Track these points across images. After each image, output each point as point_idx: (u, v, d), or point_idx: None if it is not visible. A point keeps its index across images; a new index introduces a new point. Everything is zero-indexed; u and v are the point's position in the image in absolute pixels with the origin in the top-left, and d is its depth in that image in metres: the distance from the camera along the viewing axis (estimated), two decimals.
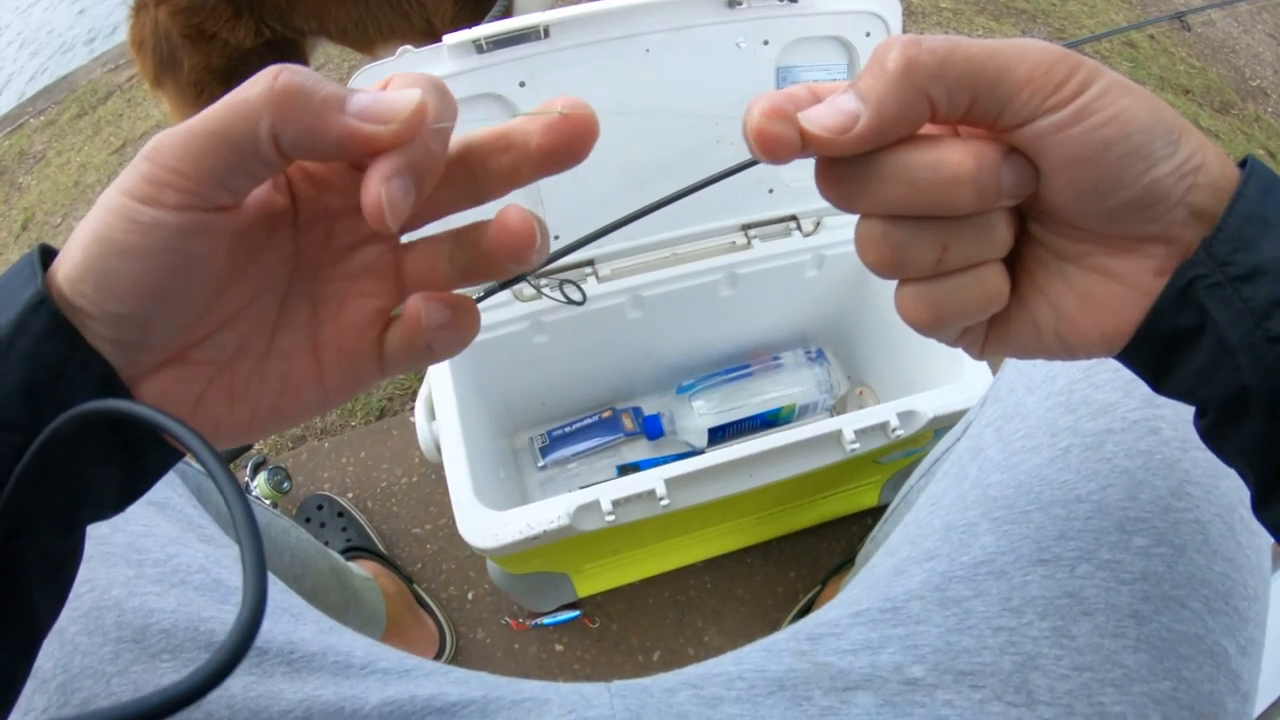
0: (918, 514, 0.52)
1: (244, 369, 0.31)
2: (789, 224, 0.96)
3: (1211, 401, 0.30)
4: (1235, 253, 0.27)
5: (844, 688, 0.43)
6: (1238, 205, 0.28)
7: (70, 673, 0.42)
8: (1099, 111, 0.26)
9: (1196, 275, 0.28)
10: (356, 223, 0.31)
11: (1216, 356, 0.28)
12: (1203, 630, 0.41)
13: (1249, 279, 0.27)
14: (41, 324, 0.26)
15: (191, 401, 0.30)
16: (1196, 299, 0.28)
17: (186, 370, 0.29)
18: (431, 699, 0.45)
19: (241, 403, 0.31)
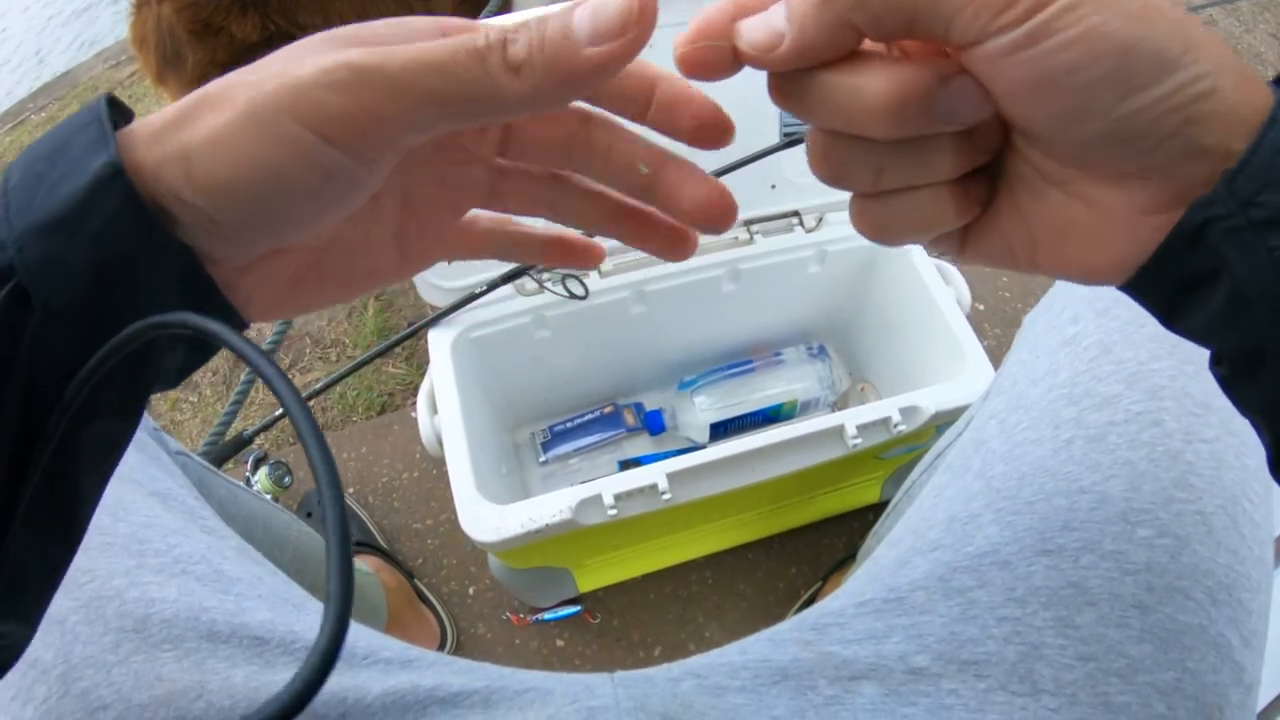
0: (921, 506, 0.52)
1: (334, 255, 0.30)
2: (791, 219, 0.96)
3: (1225, 354, 0.27)
4: (1261, 192, 0.23)
5: (849, 677, 0.43)
6: (1269, 135, 0.23)
7: (71, 662, 0.42)
8: (1061, 31, 0.22)
9: (1214, 215, 0.24)
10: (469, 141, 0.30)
11: (1232, 308, 0.25)
12: (1206, 621, 0.41)
13: (1276, 224, 0.23)
14: (115, 202, 0.23)
15: (286, 285, 0.29)
16: (1212, 243, 0.25)
17: (283, 259, 0.28)
18: (434, 689, 0.45)
19: (329, 283, 0.30)
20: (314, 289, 0.30)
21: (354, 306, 1.32)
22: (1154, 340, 0.47)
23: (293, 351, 1.28)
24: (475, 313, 0.87)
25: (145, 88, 1.80)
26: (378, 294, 1.32)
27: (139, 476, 0.53)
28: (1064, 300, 0.53)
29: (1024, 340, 0.55)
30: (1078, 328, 0.50)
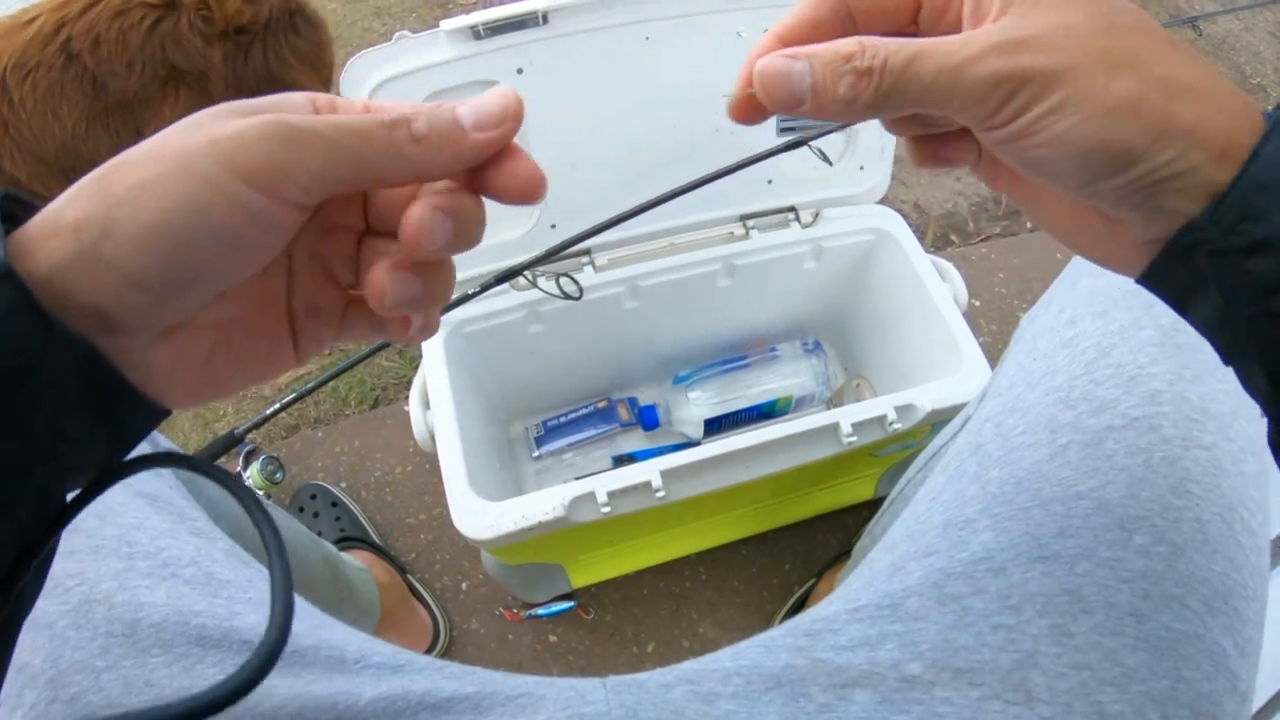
0: (916, 509, 0.52)
1: (238, 336, 0.31)
2: (787, 215, 0.95)
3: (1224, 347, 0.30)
4: (1241, 223, 0.26)
5: (841, 684, 0.43)
6: (1250, 170, 0.26)
7: (60, 667, 0.42)
8: (1036, 134, 0.27)
9: (1199, 240, 0.27)
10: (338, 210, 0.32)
11: (1222, 314, 0.29)
12: (1202, 629, 0.41)
13: (1254, 251, 0.26)
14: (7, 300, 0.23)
15: (199, 367, 0.29)
16: (1199, 262, 0.28)
17: (190, 338, 0.29)
18: (425, 694, 0.44)
19: (238, 365, 0.31)
20: (225, 370, 0.31)
21: None
22: (1152, 344, 0.46)
23: None
24: (468, 308, 0.86)
25: None
26: None
27: (146, 489, 0.52)
28: (1061, 302, 0.53)
29: (1021, 341, 0.55)
30: (1075, 330, 0.50)
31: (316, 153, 0.26)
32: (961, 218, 1.40)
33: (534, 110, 0.78)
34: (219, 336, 0.30)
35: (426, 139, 0.27)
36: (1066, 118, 0.27)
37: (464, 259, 0.85)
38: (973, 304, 1.26)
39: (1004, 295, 1.28)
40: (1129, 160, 0.27)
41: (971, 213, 1.40)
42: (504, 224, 0.87)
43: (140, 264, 0.24)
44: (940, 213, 1.40)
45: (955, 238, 1.38)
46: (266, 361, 0.32)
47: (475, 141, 0.28)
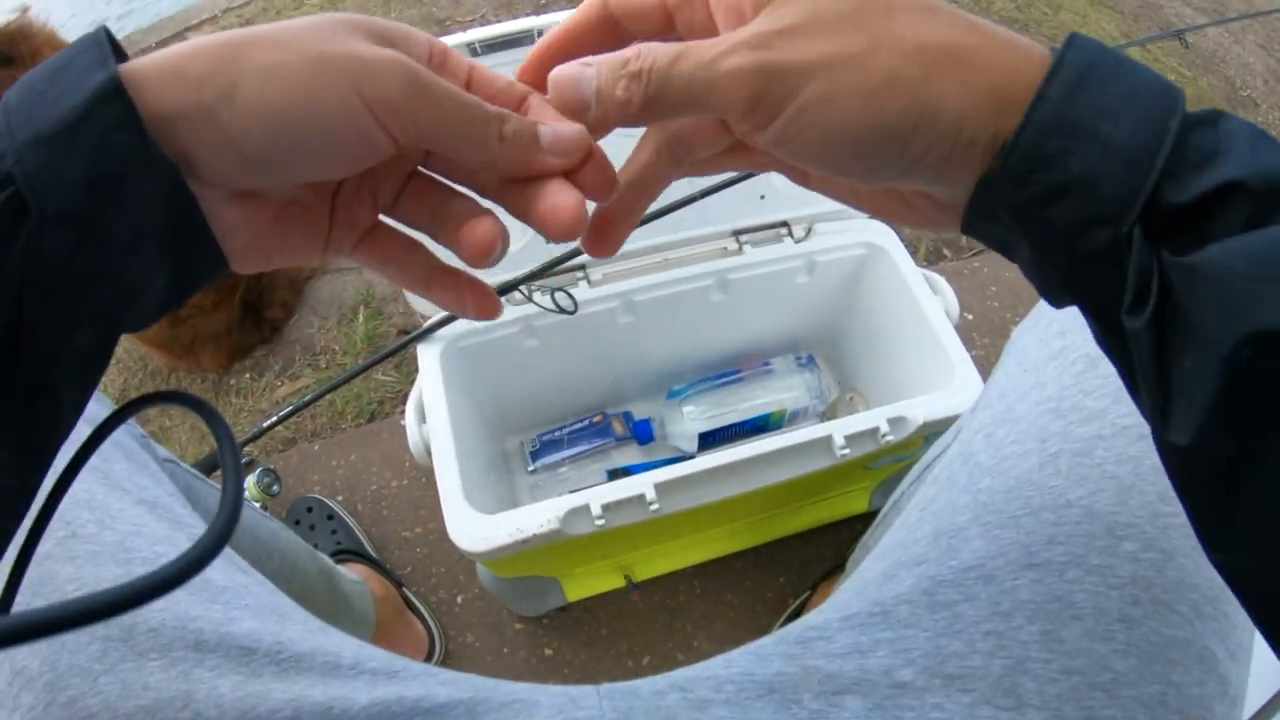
0: (908, 519, 0.52)
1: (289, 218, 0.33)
2: (780, 230, 0.96)
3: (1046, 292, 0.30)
4: (1032, 173, 0.26)
5: (833, 691, 0.43)
6: (1035, 116, 0.26)
7: (57, 670, 0.42)
8: (801, 131, 0.28)
9: (995, 199, 0.27)
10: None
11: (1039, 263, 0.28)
12: (1191, 634, 0.41)
13: (1053, 199, 0.26)
14: (113, 115, 0.25)
15: (260, 229, 0.31)
16: (1003, 219, 0.28)
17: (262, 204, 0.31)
18: (419, 700, 0.45)
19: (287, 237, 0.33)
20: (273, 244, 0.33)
21: (344, 314, 1.32)
22: None
23: (282, 358, 1.28)
24: (464, 322, 0.87)
25: None
26: (367, 301, 1.32)
27: (127, 485, 0.52)
28: (1052, 314, 0.54)
29: (1012, 353, 0.56)
30: (1065, 341, 0.51)
31: (429, 112, 0.28)
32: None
33: None
34: (278, 212, 0.32)
35: (510, 141, 0.30)
36: (827, 110, 0.27)
37: None
38: (965, 317, 1.27)
39: (996, 309, 1.29)
40: (900, 142, 0.27)
41: None
42: None
43: (251, 137, 0.27)
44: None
45: (948, 252, 1.39)
46: (302, 248, 0.34)
47: (543, 161, 0.31)
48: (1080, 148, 0.25)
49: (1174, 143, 0.25)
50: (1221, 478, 0.25)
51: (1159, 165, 0.25)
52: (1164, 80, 0.26)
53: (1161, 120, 0.25)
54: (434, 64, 0.32)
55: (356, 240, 0.35)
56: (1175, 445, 0.25)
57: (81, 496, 0.48)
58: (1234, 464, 0.24)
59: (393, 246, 0.36)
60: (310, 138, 0.27)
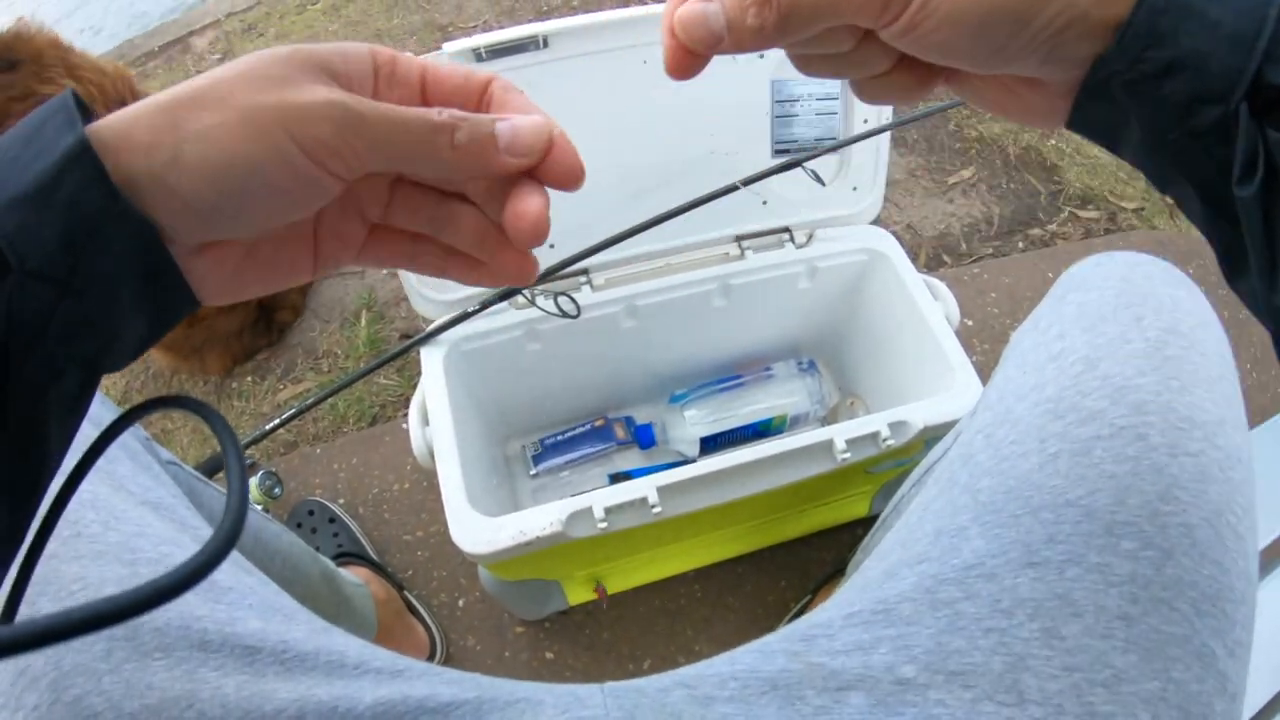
0: (908, 519, 0.52)
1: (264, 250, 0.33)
2: (782, 236, 0.96)
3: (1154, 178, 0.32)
4: (1148, 49, 0.27)
5: (837, 688, 0.44)
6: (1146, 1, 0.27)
7: (62, 669, 0.42)
8: (924, 21, 0.29)
9: (1111, 74, 0.29)
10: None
11: (1148, 145, 0.30)
12: (1190, 632, 0.41)
13: (1166, 74, 0.27)
14: (82, 175, 0.26)
15: (230, 272, 0.32)
16: (1115, 95, 0.29)
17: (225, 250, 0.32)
18: (425, 699, 0.45)
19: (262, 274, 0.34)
20: (250, 277, 0.34)
21: (346, 318, 1.32)
22: (1139, 356, 0.47)
23: (284, 361, 1.28)
24: (467, 325, 0.87)
25: None
26: (369, 305, 1.32)
27: (131, 486, 0.53)
28: (1050, 317, 0.54)
29: (1011, 356, 0.56)
30: (1064, 344, 0.51)
31: (367, 140, 0.29)
32: (954, 239, 1.42)
33: None
34: (248, 250, 0.33)
35: (464, 148, 0.30)
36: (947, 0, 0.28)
37: None
38: (965, 323, 1.27)
39: (996, 315, 1.30)
40: (1021, 19, 0.28)
41: (964, 233, 1.42)
42: None
43: (199, 196, 0.28)
44: (933, 234, 1.42)
45: (947, 258, 1.39)
46: (287, 273, 0.34)
47: (503, 163, 0.31)
48: (1190, 27, 0.27)
49: (1274, 28, 0.26)
50: None
51: (1262, 47, 0.26)
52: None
53: (1262, 6, 0.26)
54: (382, 76, 0.32)
55: (355, 253, 0.36)
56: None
57: (86, 497, 0.48)
58: None
59: (397, 244, 0.36)
60: (256, 190, 0.28)
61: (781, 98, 0.87)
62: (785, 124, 0.89)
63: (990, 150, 1.55)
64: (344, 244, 0.35)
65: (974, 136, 1.56)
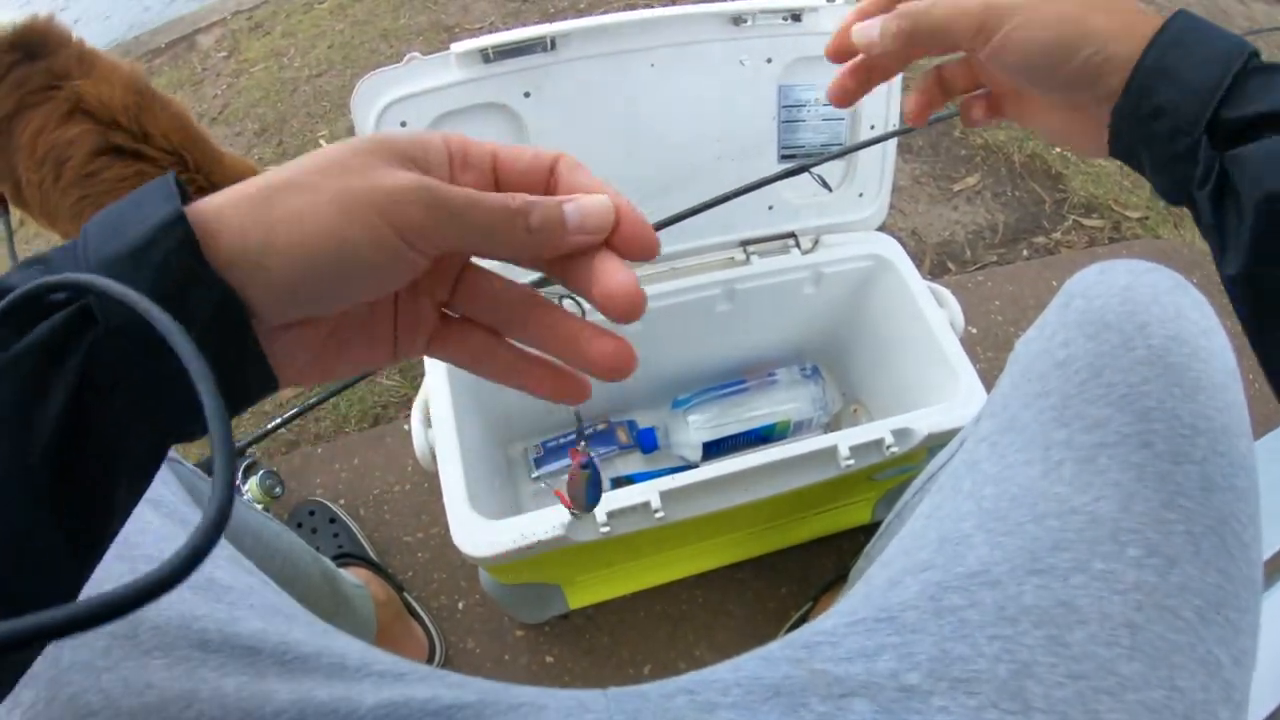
0: (913, 526, 0.52)
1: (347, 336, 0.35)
2: (787, 241, 0.96)
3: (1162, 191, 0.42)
4: (1141, 99, 0.39)
5: (840, 694, 0.43)
6: (1144, 61, 0.39)
7: (59, 667, 0.42)
8: (1007, 45, 0.42)
9: (1121, 115, 0.41)
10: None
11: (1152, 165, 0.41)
12: (1195, 640, 0.41)
13: (1154, 117, 0.39)
14: (174, 241, 0.28)
15: (311, 356, 0.34)
16: (1125, 130, 0.41)
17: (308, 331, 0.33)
18: (427, 702, 0.45)
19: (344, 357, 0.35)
20: (330, 359, 0.35)
21: None
22: (1143, 364, 0.47)
23: None
24: None
25: None
26: None
27: (152, 496, 0.53)
28: (1055, 324, 0.54)
29: (1016, 363, 0.56)
30: (1069, 350, 0.51)
31: (454, 227, 0.31)
32: (958, 246, 1.41)
33: (539, 134, 0.80)
34: (331, 332, 0.34)
35: (537, 232, 0.32)
36: (1022, 31, 0.41)
37: None
38: (969, 331, 1.27)
39: (1000, 323, 1.30)
40: (1069, 52, 0.40)
41: (968, 241, 1.42)
42: None
43: (293, 277, 0.29)
44: (937, 240, 1.42)
45: (952, 265, 1.39)
46: (366, 358, 0.36)
47: (572, 242, 0.33)
48: (1167, 86, 0.39)
49: (1231, 83, 0.37)
50: (1267, 299, 0.37)
51: (1217, 99, 0.37)
52: (1238, 41, 0.39)
53: (1224, 69, 0.38)
54: (455, 163, 0.33)
55: (428, 339, 0.37)
56: (1229, 275, 0.38)
57: None
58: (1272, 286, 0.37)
59: (470, 339, 0.37)
60: (348, 269, 0.30)
61: (788, 103, 0.87)
62: (792, 129, 0.89)
63: (995, 158, 1.55)
64: (416, 328, 0.36)
65: (979, 144, 1.56)
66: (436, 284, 0.36)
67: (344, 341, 0.35)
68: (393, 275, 0.31)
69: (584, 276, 0.34)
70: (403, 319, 0.36)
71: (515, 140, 0.80)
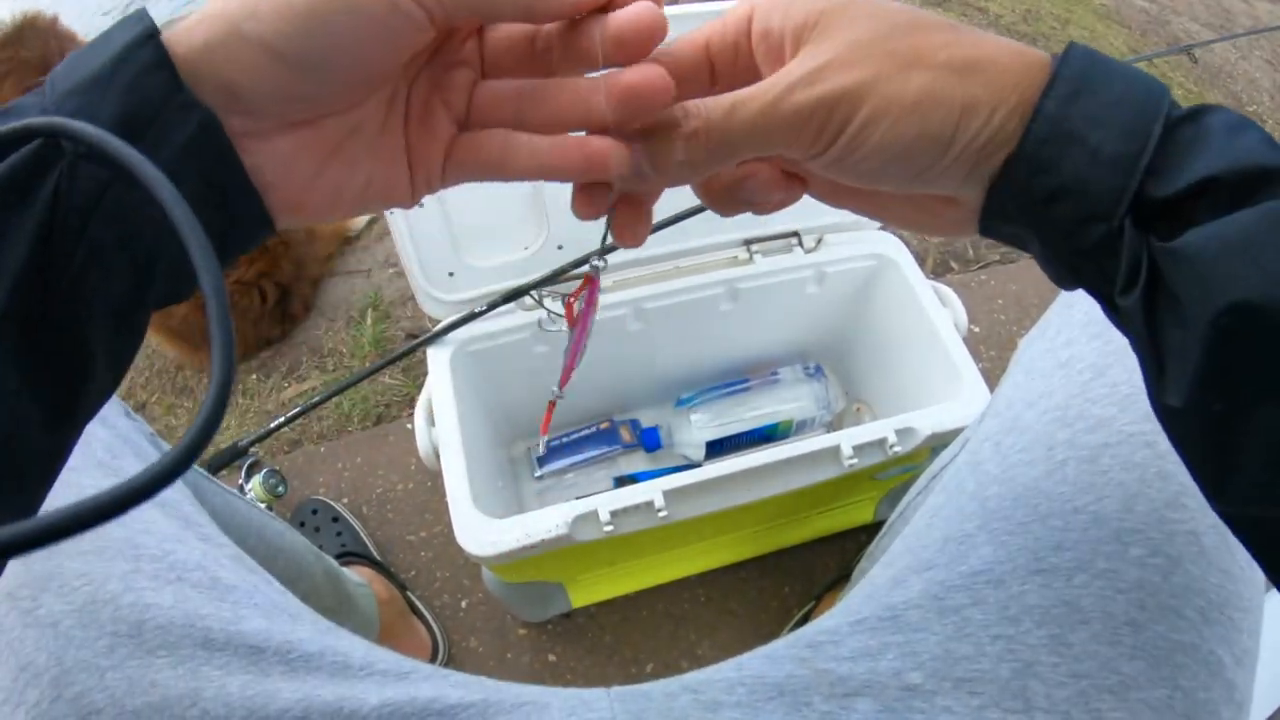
0: (916, 526, 0.52)
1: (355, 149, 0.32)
2: (791, 240, 0.96)
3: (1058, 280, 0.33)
4: (1034, 177, 0.29)
5: (844, 694, 0.43)
6: (1033, 127, 0.29)
7: (64, 665, 0.42)
8: (859, 148, 0.30)
9: (1005, 199, 0.31)
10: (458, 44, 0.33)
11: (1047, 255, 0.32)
12: (1198, 639, 0.41)
13: (1053, 200, 0.29)
14: (147, 57, 0.26)
15: (308, 176, 0.31)
16: (1012, 217, 0.31)
17: (304, 138, 0.31)
18: (431, 701, 0.45)
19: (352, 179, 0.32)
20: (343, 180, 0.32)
21: (352, 317, 1.32)
22: None
23: (289, 359, 1.28)
24: (474, 326, 0.87)
25: None
26: (375, 305, 1.32)
27: None
28: (1058, 324, 0.54)
29: (1019, 363, 0.56)
30: (1071, 351, 0.51)
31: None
32: (961, 245, 1.41)
33: None
34: (339, 143, 0.32)
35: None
36: (879, 126, 0.30)
37: (471, 278, 0.87)
38: (972, 330, 1.27)
39: (1003, 322, 1.29)
40: (944, 143, 0.30)
41: (971, 240, 1.42)
42: (512, 244, 0.88)
43: (281, 35, 0.27)
44: (940, 240, 1.42)
45: (955, 264, 1.39)
46: (384, 187, 0.33)
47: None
48: (1073, 155, 0.28)
49: (1157, 144, 0.27)
50: (1214, 436, 0.28)
51: (1142, 166, 0.27)
52: (1150, 82, 0.29)
53: (1145, 125, 0.28)
54: None
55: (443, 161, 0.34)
56: (1170, 407, 0.28)
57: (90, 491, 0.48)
58: (1224, 423, 0.27)
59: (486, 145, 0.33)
60: (341, 19, 0.27)
61: None
62: None
63: None
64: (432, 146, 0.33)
65: None
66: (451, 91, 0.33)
67: (353, 159, 0.32)
68: (394, 28, 0.28)
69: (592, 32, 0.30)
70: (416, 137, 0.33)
71: None
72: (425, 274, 0.85)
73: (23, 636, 0.43)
